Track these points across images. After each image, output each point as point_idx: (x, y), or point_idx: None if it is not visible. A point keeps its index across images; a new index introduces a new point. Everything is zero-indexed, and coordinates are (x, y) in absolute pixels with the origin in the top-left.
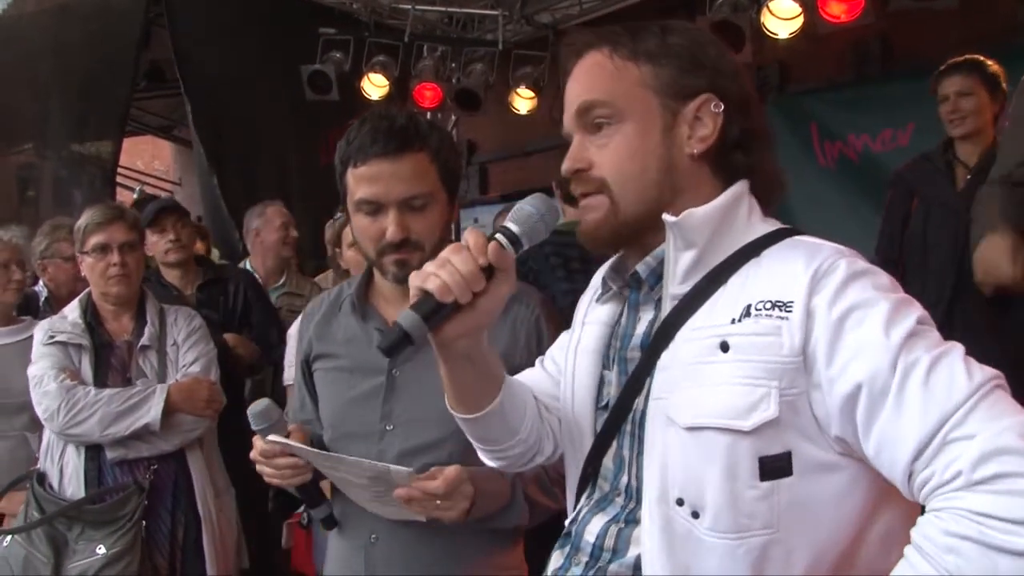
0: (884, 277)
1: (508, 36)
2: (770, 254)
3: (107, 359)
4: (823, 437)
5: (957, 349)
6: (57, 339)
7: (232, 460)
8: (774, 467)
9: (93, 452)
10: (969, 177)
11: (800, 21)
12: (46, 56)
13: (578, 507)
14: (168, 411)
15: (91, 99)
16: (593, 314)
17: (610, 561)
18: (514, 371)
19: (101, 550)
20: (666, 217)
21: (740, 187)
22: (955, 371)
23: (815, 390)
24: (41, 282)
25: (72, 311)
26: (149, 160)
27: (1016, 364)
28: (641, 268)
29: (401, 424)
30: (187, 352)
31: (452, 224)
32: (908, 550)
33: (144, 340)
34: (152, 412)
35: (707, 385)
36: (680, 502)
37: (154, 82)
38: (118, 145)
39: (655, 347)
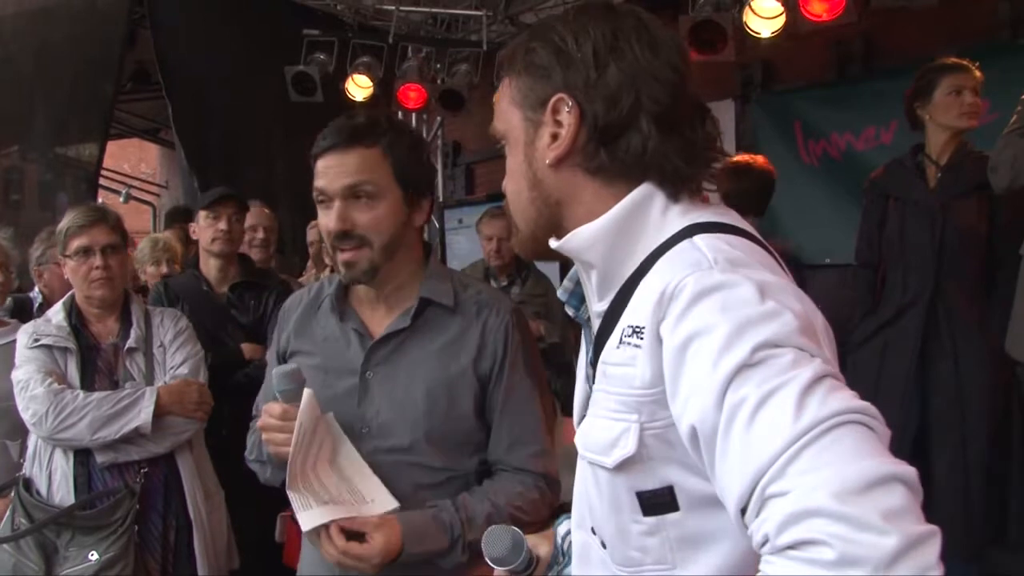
0: (745, 288)
1: (492, 37)
2: (661, 261)
3: (93, 362)
4: None
5: (799, 379)
6: (42, 342)
7: (223, 460)
8: (655, 503)
9: (82, 457)
10: (940, 175)
11: (782, 20)
12: (28, 59)
13: None
14: (158, 413)
15: (75, 101)
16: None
17: (566, 565)
18: (481, 375)
19: (94, 556)
20: (552, 243)
21: (641, 192)
22: (782, 412)
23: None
24: (36, 288)
25: (56, 314)
26: (136, 163)
27: (994, 352)
28: (561, 293)
29: (375, 427)
30: (175, 354)
31: (426, 226)
32: None
33: (131, 342)
34: (143, 415)
35: (594, 415)
36: (593, 531)
37: (140, 84)
38: (102, 147)
39: (592, 368)
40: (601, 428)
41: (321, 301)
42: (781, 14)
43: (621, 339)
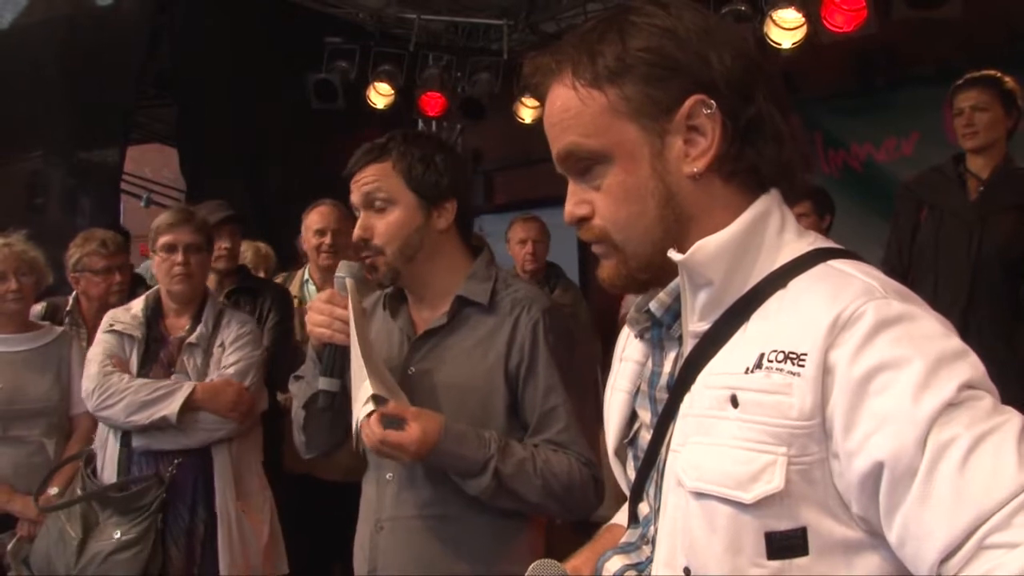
0: (928, 322)
1: (513, 45)
2: (797, 285)
3: (156, 353)
4: (846, 511)
5: (1011, 425)
6: (115, 328)
7: (275, 467)
8: (784, 544)
9: (127, 440)
10: (982, 189)
11: (804, 31)
12: (53, 64)
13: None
14: (191, 408)
15: (97, 107)
16: (630, 349)
17: None
18: (510, 372)
19: (117, 535)
20: (672, 255)
21: (764, 203)
22: (1003, 457)
23: (834, 459)
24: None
25: (137, 304)
26: (157, 168)
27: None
28: (654, 306)
29: None
30: (230, 354)
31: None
32: None
33: (192, 339)
34: (172, 405)
35: (713, 444)
36: (687, 571)
37: (161, 90)
38: (123, 152)
39: (677, 391)
40: (734, 460)
41: (379, 298)
42: (802, 25)
43: (762, 364)
